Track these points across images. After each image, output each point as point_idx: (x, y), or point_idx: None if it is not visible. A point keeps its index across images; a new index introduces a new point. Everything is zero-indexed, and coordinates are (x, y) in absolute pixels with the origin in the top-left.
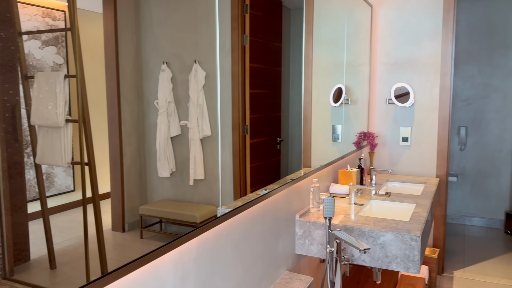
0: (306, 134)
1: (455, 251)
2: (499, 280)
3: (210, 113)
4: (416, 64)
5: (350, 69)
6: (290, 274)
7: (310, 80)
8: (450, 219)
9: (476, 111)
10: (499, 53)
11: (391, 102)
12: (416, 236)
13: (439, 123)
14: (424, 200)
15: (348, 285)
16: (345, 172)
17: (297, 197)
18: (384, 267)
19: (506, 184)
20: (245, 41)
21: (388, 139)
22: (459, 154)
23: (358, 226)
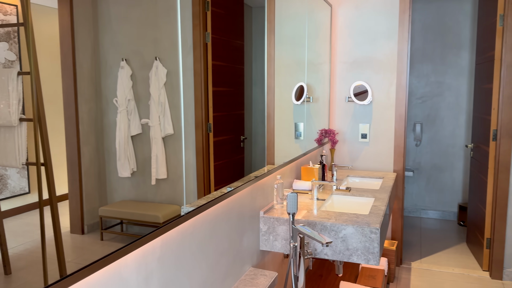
0: (270, 132)
1: (412, 243)
2: (453, 269)
3: (172, 111)
4: (374, 63)
5: (311, 68)
6: (255, 270)
7: (273, 78)
8: (407, 212)
9: (431, 108)
10: (452, 53)
11: (350, 100)
12: (375, 228)
13: (395, 120)
14: (382, 194)
15: (311, 279)
16: (307, 169)
17: (261, 194)
18: (346, 259)
19: (459, 178)
20: (207, 39)
21: (348, 135)
22: (414, 150)
23: (321, 221)
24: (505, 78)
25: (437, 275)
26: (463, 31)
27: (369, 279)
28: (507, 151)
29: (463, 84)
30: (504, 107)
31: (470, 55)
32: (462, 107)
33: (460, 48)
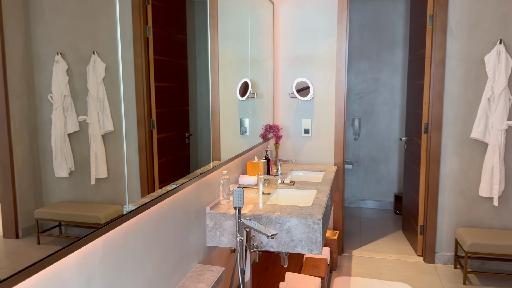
0: (215, 128)
1: (352, 232)
2: (391, 256)
3: (112, 108)
4: (315, 60)
5: (255, 64)
6: (201, 266)
7: (217, 74)
8: (347, 203)
9: (368, 104)
10: (387, 50)
11: (293, 96)
12: (318, 219)
13: (335, 115)
14: (324, 186)
15: (257, 271)
16: (253, 164)
17: (207, 190)
18: (290, 250)
19: (394, 169)
20: (148, 32)
21: (291, 131)
22: (353, 144)
23: (266, 214)
24: (434, 74)
25: (376, 261)
26: (397, 30)
27: (313, 269)
28: (437, 143)
29: (397, 80)
30: (434, 102)
31: (404, 53)
32: (396, 102)
33: (394, 46)
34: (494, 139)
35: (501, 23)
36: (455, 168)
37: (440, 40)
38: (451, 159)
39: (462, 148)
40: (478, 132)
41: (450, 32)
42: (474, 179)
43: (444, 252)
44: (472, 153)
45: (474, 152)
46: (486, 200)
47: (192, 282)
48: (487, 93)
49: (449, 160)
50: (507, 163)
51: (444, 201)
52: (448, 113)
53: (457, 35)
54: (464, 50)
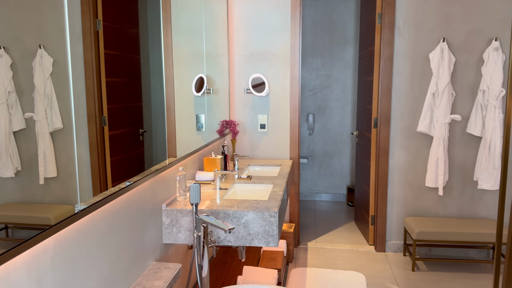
0: (170, 124)
1: (308, 225)
2: (344, 246)
3: (60, 104)
4: (269, 56)
5: (210, 60)
6: (158, 264)
7: (171, 69)
8: (303, 197)
9: (321, 100)
10: (339, 48)
11: (249, 91)
12: (274, 212)
13: (290, 111)
14: (280, 180)
15: (216, 267)
16: (209, 160)
17: (163, 187)
18: (248, 244)
19: (346, 163)
20: (98, 26)
21: (248, 126)
22: (308, 138)
23: (224, 209)
24: (383, 71)
25: (330, 252)
26: (348, 28)
27: (270, 261)
28: (386, 137)
29: (349, 77)
30: (383, 97)
31: (354, 50)
32: (348, 98)
33: (345, 43)
34: (438, 132)
35: (444, 22)
36: (403, 160)
37: (388, 38)
38: (399, 152)
39: (409, 141)
40: (424, 125)
41: (397, 30)
42: (421, 170)
43: (394, 241)
44: (418, 146)
45: (420, 145)
46: (431, 190)
47: (149, 280)
48: (432, 88)
49: (397, 153)
50: (451, 155)
51: (393, 192)
52: (396, 108)
53: (404, 33)
54: (410, 48)
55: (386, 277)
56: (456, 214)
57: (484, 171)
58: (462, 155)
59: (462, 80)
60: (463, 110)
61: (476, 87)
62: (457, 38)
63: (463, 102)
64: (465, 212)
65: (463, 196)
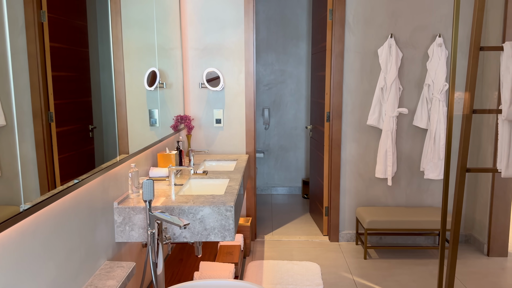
0: (121, 120)
1: (265, 218)
2: (300, 237)
3: (2, 100)
4: (224, 51)
5: (163, 53)
6: (111, 263)
7: (122, 62)
8: (260, 191)
9: (276, 95)
10: (292, 43)
11: (204, 86)
12: (230, 206)
13: (246, 105)
14: (236, 175)
15: (172, 264)
16: (164, 155)
17: (114, 185)
18: (204, 239)
19: (301, 156)
20: (42, 18)
21: (203, 121)
22: (264, 133)
23: (179, 205)
24: (335, 66)
25: (286, 244)
26: (301, 23)
27: (227, 256)
28: (338, 130)
29: (302, 72)
30: (334, 92)
31: (307, 45)
32: (302, 93)
33: (298, 39)
34: (387, 125)
35: (392, 19)
36: (354, 153)
37: (339, 34)
38: (351, 145)
39: (360, 134)
40: (373, 119)
41: (348, 26)
42: (371, 162)
43: (347, 231)
44: (368, 138)
45: (370, 138)
46: (381, 181)
47: (101, 280)
48: (380, 83)
49: (349, 146)
50: (399, 146)
51: (346, 184)
52: (347, 102)
53: (354, 29)
54: (360, 43)
55: (339, 266)
56: (405, 203)
57: (430, 161)
58: (409, 147)
59: (409, 75)
60: (410, 104)
61: (422, 81)
62: (404, 34)
63: (410, 96)
64: (412, 201)
65: (410, 186)
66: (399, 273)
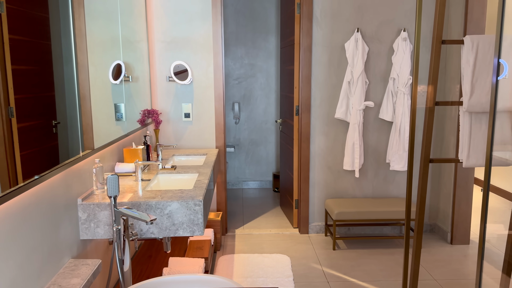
0: (86, 115)
1: (236, 213)
2: (270, 230)
3: None
4: (192, 43)
5: (128, 46)
6: (75, 261)
7: (86, 55)
8: (231, 185)
9: (246, 89)
10: (261, 37)
11: (171, 79)
12: (199, 201)
13: (215, 99)
14: (205, 169)
15: (140, 261)
16: (130, 150)
17: (78, 181)
18: (172, 235)
19: (272, 150)
20: (0, 9)
21: (171, 115)
22: (234, 127)
23: (146, 201)
24: (303, 60)
25: (257, 237)
26: (270, 17)
27: (197, 251)
28: (307, 124)
29: (272, 66)
30: (303, 86)
31: (276, 39)
32: (271, 87)
33: (267, 33)
34: (354, 118)
35: (358, 13)
36: (323, 146)
37: (307, 28)
38: (319, 138)
39: (328, 127)
40: (340, 112)
41: (315, 20)
42: (339, 155)
43: (316, 223)
44: (336, 131)
45: (338, 131)
46: (349, 173)
47: (65, 278)
48: (347, 77)
49: (318, 139)
50: (365, 139)
51: (315, 176)
52: (315, 96)
53: (322, 23)
54: (327, 37)
55: (309, 257)
56: (371, 194)
57: (395, 153)
58: (376, 139)
59: (375, 69)
60: (376, 97)
61: (387, 75)
62: (370, 28)
63: (376, 90)
64: (379, 192)
65: (377, 177)
66: (366, 262)
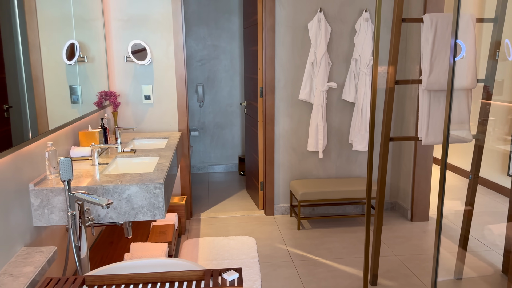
0: (39, 97)
1: (201, 197)
2: (236, 213)
3: None
4: (150, 22)
5: (82, 24)
6: (28, 249)
7: (37, 35)
8: (196, 170)
9: (210, 71)
10: (224, 17)
11: (129, 59)
12: (159, 184)
13: (177, 81)
14: (167, 152)
15: (101, 247)
16: (86, 133)
17: (29, 165)
18: (132, 219)
19: (237, 133)
20: None
21: (131, 97)
22: (199, 111)
23: (102, 185)
24: (266, 40)
25: (223, 220)
26: None
27: (160, 235)
28: (271, 105)
29: (236, 47)
30: (267, 66)
31: (239, 20)
32: (236, 69)
33: (231, 13)
34: (317, 99)
35: None
36: (287, 127)
37: (269, 7)
38: (284, 120)
39: (292, 109)
40: (304, 93)
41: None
42: (303, 136)
43: (282, 204)
44: (300, 113)
45: (302, 112)
46: (313, 154)
47: (17, 267)
48: (311, 58)
49: (282, 121)
50: (329, 120)
51: (280, 158)
52: (279, 77)
53: (284, 3)
54: (290, 17)
55: (274, 238)
56: (335, 174)
57: (358, 134)
58: (339, 120)
59: (338, 50)
60: (339, 78)
61: (350, 56)
62: (333, 8)
63: (339, 71)
64: (342, 172)
65: (340, 158)
66: (330, 241)
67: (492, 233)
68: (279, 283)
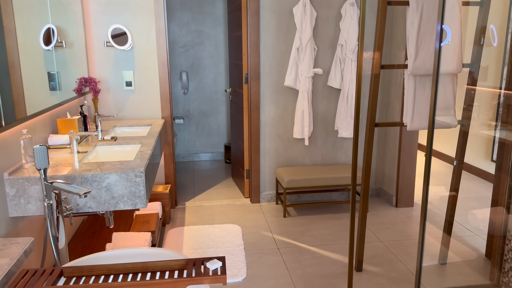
0: (16, 84)
1: (187, 185)
2: (222, 201)
3: None
4: (131, 6)
5: (60, 8)
6: (4, 240)
7: (12, 19)
8: (181, 158)
9: (194, 57)
10: (208, 2)
11: (109, 45)
12: (140, 172)
13: (159, 67)
14: (149, 139)
15: (83, 237)
16: (64, 121)
17: (3, 154)
18: (112, 208)
19: (223, 121)
20: None
21: (111, 84)
22: (183, 98)
23: (81, 173)
24: (251, 25)
25: (208, 209)
26: None
27: (143, 225)
28: (256, 92)
29: (220, 33)
30: (252, 52)
31: (224, 4)
32: (220, 55)
33: None
34: (303, 86)
35: None
36: (273, 114)
37: None
38: (269, 107)
39: (278, 95)
40: (290, 80)
41: None
42: (289, 123)
43: (267, 192)
44: (286, 100)
45: (287, 99)
46: (299, 141)
47: None
48: (296, 43)
49: (268, 108)
50: (314, 107)
51: (265, 145)
52: (264, 63)
53: None
54: (275, 1)
55: (260, 226)
56: (321, 161)
57: (343, 120)
58: (324, 107)
59: (323, 35)
60: (324, 64)
61: (336, 41)
62: None
63: (324, 57)
64: (328, 159)
65: (326, 144)
66: (316, 228)
67: (476, 218)
68: (264, 271)
